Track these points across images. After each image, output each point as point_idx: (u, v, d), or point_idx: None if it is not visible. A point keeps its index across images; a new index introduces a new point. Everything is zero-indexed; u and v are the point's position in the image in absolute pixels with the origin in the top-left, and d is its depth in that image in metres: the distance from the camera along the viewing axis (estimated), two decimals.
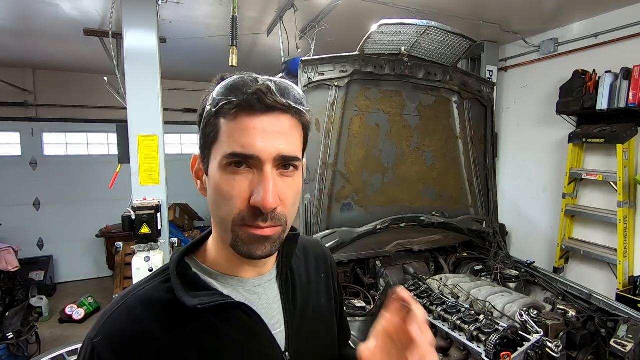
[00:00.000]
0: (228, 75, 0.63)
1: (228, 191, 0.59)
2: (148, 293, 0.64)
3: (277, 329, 0.70)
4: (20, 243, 4.75)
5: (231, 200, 0.59)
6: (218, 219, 0.63)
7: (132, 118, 2.53)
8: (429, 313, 1.94)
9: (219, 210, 0.62)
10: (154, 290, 0.64)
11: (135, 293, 0.64)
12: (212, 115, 0.60)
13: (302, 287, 0.77)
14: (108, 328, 0.60)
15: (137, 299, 0.63)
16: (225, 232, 0.62)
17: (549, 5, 3.15)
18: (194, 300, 0.60)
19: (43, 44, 4.01)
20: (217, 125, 0.60)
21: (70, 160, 5.54)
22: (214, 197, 0.62)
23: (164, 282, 0.65)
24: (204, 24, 3.44)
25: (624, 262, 3.01)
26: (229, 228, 0.61)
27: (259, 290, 0.70)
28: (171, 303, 0.61)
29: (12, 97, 5.08)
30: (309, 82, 2.26)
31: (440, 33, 2.43)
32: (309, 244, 0.89)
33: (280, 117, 0.60)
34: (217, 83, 0.63)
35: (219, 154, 0.60)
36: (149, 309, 0.62)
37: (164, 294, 0.63)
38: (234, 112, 0.58)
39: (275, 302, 0.72)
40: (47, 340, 3.81)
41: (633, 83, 2.85)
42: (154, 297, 0.63)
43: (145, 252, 2.41)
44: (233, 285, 0.67)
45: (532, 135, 3.99)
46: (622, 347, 1.74)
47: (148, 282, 0.66)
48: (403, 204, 2.71)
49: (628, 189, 3.03)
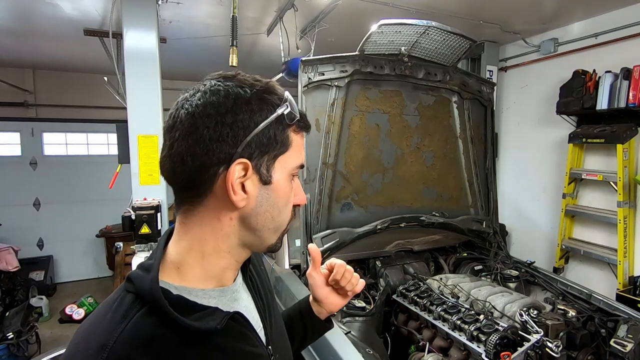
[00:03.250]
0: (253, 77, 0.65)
1: (289, 197, 0.68)
2: (136, 334, 0.53)
3: (258, 328, 0.72)
4: (20, 243, 4.75)
5: (289, 204, 0.68)
6: (274, 224, 0.67)
7: (132, 118, 2.53)
8: (429, 313, 1.94)
9: (280, 216, 0.67)
10: (141, 328, 0.54)
11: (116, 339, 0.52)
12: (286, 126, 0.64)
13: (262, 282, 0.81)
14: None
15: (128, 345, 0.52)
16: (274, 235, 0.68)
17: (549, 5, 3.15)
18: (208, 323, 0.57)
19: (43, 44, 4.01)
20: (289, 137, 0.64)
21: (70, 160, 5.54)
22: (277, 204, 0.66)
23: (146, 315, 0.55)
24: (204, 24, 3.44)
25: (624, 262, 3.01)
26: (283, 229, 0.69)
27: (237, 295, 0.71)
28: (168, 337, 0.54)
29: (12, 97, 5.09)
30: (309, 82, 2.26)
31: (440, 33, 2.43)
32: None
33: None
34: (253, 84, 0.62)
35: (290, 164, 0.66)
36: (149, 351, 0.52)
37: (155, 329, 0.54)
38: (304, 129, 0.68)
39: (250, 302, 0.74)
40: (47, 340, 3.81)
41: (633, 83, 2.85)
42: (148, 336, 0.53)
43: (145, 252, 2.42)
44: (215, 297, 0.65)
45: (532, 135, 3.99)
46: (622, 347, 1.74)
47: (122, 322, 0.54)
48: (403, 204, 2.71)
49: (628, 189, 3.03)
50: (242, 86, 0.61)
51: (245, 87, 0.61)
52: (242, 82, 0.62)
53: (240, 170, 0.59)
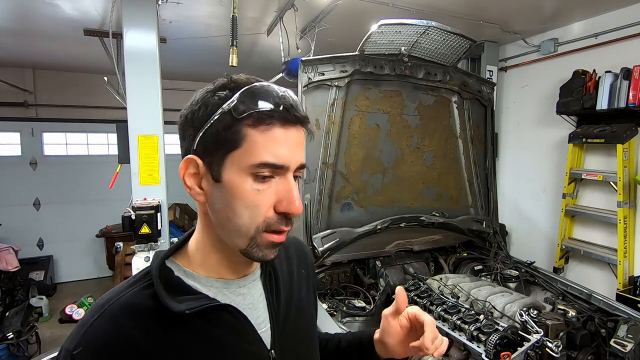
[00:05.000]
0: (238, 77, 0.63)
1: (253, 199, 0.60)
2: (130, 300, 0.61)
3: (263, 328, 0.71)
4: (20, 243, 4.75)
5: (256, 208, 0.61)
6: (232, 225, 0.62)
7: (132, 118, 2.53)
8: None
9: (237, 218, 0.61)
10: (137, 296, 0.62)
11: (115, 300, 0.61)
12: (234, 121, 0.59)
13: (285, 284, 0.79)
14: (89, 339, 0.57)
15: (119, 307, 0.60)
16: (238, 238, 0.63)
17: (549, 5, 3.15)
18: (181, 306, 0.60)
19: (43, 44, 4.01)
20: (241, 132, 0.59)
21: (70, 160, 5.54)
22: (230, 205, 0.61)
23: (146, 287, 0.63)
24: (204, 24, 3.44)
25: (624, 262, 3.01)
26: (248, 235, 0.62)
27: (244, 290, 0.71)
28: (155, 310, 0.60)
29: (12, 97, 5.08)
30: (309, 82, 2.26)
31: (440, 33, 2.43)
32: (289, 241, 0.90)
33: (300, 129, 0.64)
34: (225, 85, 0.62)
35: (245, 162, 0.59)
36: (133, 317, 0.59)
37: (147, 300, 0.61)
38: (268, 122, 0.59)
39: (260, 301, 0.73)
40: (47, 340, 3.81)
41: (633, 83, 2.85)
42: (138, 305, 0.61)
43: (145, 252, 2.42)
44: (217, 287, 0.67)
45: (532, 135, 3.99)
46: (622, 347, 1.75)
47: (128, 289, 0.63)
48: (403, 204, 2.71)
49: (628, 189, 3.03)
50: (215, 86, 0.63)
51: (215, 87, 0.63)
52: (219, 82, 0.63)
53: (191, 166, 0.63)
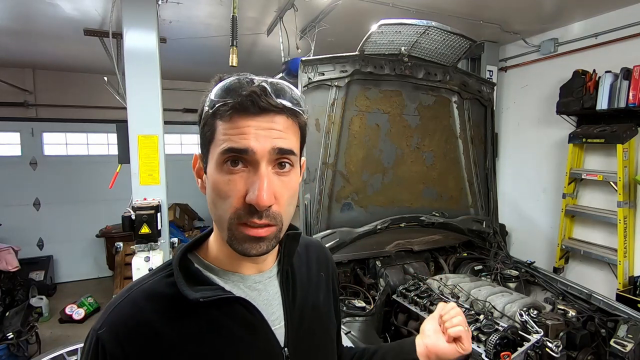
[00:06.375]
0: (226, 76, 0.64)
1: (225, 189, 0.61)
2: (152, 287, 0.66)
3: (277, 325, 0.71)
4: (20, 243, 4.75)
5: (228, 199, 0.61)
6: (216, 216, 0.65)
7: (132, 118, 2.53)
8: (429, 313, 1.94)
9: (216, 209, 0.64)
10: (158, 284, 0.66)
11: (139, 287, 0.66)
12: (209, 116, 0.62)
13: (302, 285, 0.79)
14: (112, 320, 0.62)
15: (141, 292, 0.65)
16: (222, 230, 0.64)
17: (549, 5, 3.15)
18: (197, 294, 0.62)
19: (43, 44, 4.01)
20: (214, 125, 0.62)
21: (70, 160, 5.54)
22: (212, 195, 0.64)
23: (167, 276, 0.67)
24: (204, 24, 3.44)
25: (624, 262, 3.01)
26: (225, 226, 0.62)
27: (260, 286, 0.72)
28: (174, 297, 0.63)
29: (12, 97, 5.08)
30: (309, 82, 2.26)
31: (440, 33, 2.43)
32: (311, 244, 0.92)
33: (274, 118, 0.61)
34: (215, 84, 0.64)
35: (216, 152, 0.62)
36: (153, 302, 0.64)
37: (167, 288, 0.65)
38: (229, 113, 0.60)
39: (276, 298, 0.73)
40: (47, 340, 3.81)
41: (633, 83, 2.85)
42: (158, 291, 0.65)
43: (145, 252, 2.41)
44: (234, 281, 0.70)
45: (532, 135, 3.99)
46: (622, 347, 1.74)
47: (152, 277, 0.68)
48: (403, 204, 2.71)
49: (628, 189, 3.03)
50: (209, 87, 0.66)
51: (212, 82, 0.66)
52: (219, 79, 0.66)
53: (197, 162, 0.70)
